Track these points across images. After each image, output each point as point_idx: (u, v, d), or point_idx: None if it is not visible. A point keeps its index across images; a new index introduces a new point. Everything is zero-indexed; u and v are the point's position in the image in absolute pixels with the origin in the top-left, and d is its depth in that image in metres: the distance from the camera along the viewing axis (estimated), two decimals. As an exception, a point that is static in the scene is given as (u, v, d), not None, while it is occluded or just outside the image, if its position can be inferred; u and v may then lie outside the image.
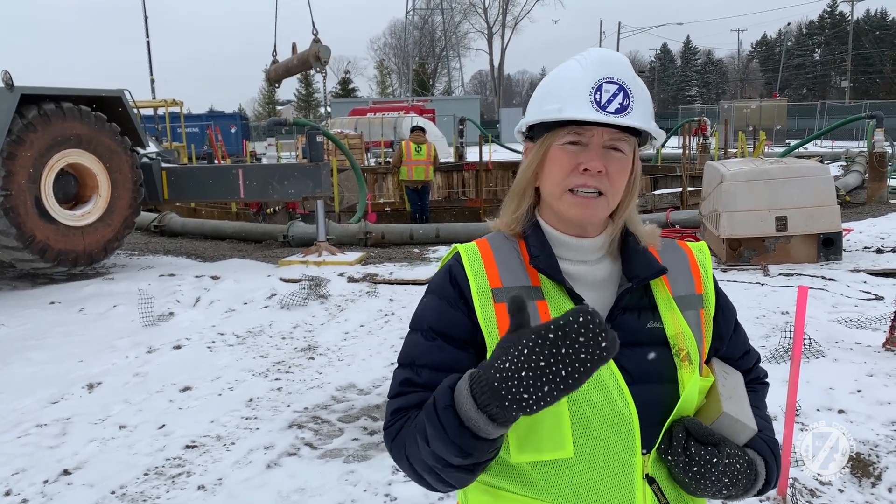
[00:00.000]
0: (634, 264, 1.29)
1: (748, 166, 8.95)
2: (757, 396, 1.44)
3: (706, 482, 1.19)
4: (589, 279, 1.29)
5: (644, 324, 1.26)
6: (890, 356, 5.06)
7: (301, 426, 4.48)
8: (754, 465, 1.24)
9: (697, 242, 1.43)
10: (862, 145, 23.27)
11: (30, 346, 6.19)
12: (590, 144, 1.23)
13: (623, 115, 1.21)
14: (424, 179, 13.22)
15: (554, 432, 1.18)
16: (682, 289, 1.32)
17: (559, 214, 1.29)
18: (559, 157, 1.25)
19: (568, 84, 1.25)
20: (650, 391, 1.22)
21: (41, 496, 3.66)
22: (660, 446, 1.22)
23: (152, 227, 12.90)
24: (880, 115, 13.87)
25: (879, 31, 72.03)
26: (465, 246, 1.34)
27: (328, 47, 11.14)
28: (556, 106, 1.24)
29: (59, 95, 8.43)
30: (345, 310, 7.22)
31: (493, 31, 76.66)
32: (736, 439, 1.24)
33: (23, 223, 7.90)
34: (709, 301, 1.34)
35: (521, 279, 1.27)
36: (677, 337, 1.26)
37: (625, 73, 1.24)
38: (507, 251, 1.31)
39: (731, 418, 1.23)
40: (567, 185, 1.24)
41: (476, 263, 1.29)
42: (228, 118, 36.70)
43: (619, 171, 1.24)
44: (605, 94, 1.21)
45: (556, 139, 1.25)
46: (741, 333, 1.43)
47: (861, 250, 9.08)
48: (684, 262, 1.36)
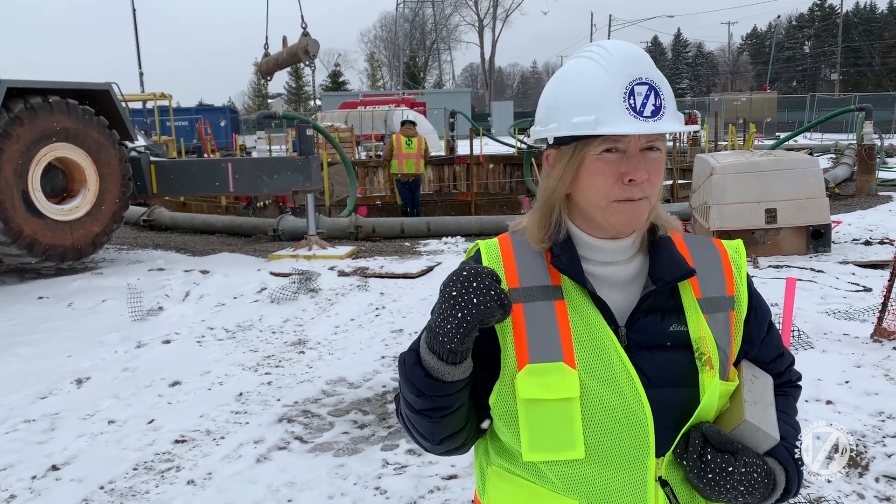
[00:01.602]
0: (662, 265, 1.26)
1: (738, 159, 8.98)
2: (787, 401, 1.40)
3: (721, 489, 1.17)
4: (614, 279, 1.27)
5: (667, 326, 1.23)
6: (877, 347, 5.09)
7: (291, 420, 4.47)
8: (773, 475, 1.21)
9: (733, 241, 1.37)
10: (851, 138, 23.38)
11: (18, 341, 6.15)
12: (628, 151, 1.19)
13: (660, 119, 1.17)
14: (415, 173, 13.20)
15: (564, 432, 1.18)
16: (712, 290, 1.28)
17: (603, 224, 1.25)
18: (600, 168, 1.20)
19: (596, 90, 1.18)
20: (668, 394, 1.20)
21: (29, 492, 3.64)
22: (675, 450, 1.21)
23: (141, 222, 12.83)
24: (869, 108, 13.93)
25: (869, 24, 72.30)
26: (486, 242, 1.33)
27: (317, 41, 11.12)
28: (589, 118, 1.17)
29: (46, 89, 8.36)
30: (335, 304, 7.21)
31: (483, 23, 76.55)
32: (757, 448, 1.22)
33: (10, 218, 7.84)
34: (740, 303, 1.29)
35: (540, 279, 1.25)
36: (701, 341, 1.22)
37: (651, 69, 1.20)
38: (529, 250, 1.29)
39: (753, 426, 1.20)
40: (613, 196, 1.20)
41: (495, 261, 1.28)
42: (218, 111, 36.47)
43: (658, 171, 1.22)
44: (638, 98, 1.16)
45: (591, 148, 1.20)
46: (774, 336, 1.39)
47: (850, 242, 9.12)
48: (717, 261, 1.31)
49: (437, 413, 1.21)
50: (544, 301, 1.23)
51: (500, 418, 1.24)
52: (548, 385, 1.17)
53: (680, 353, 1.22)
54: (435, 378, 1.18)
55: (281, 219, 11.30)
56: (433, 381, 1.18)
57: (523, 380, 1.19)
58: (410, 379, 1.20)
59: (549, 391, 1.17)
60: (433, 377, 1.18)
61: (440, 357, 1.16)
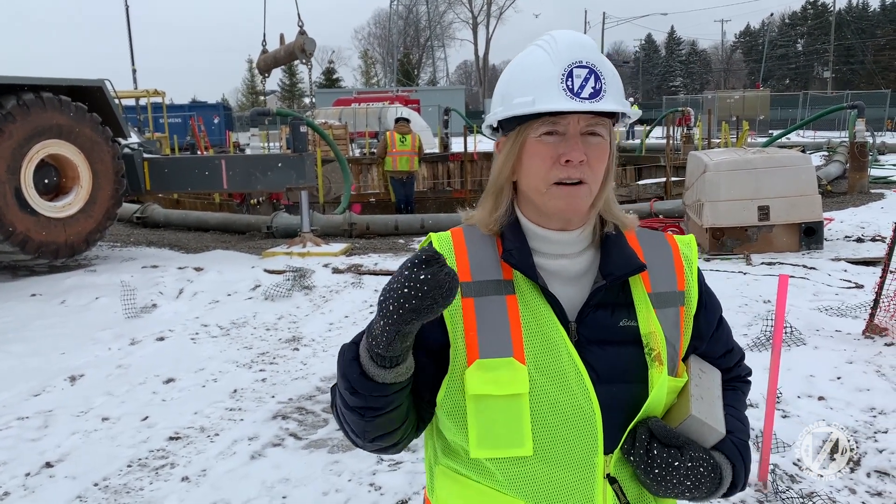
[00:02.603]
0: (612, 260, 1.25)
1: (731, 156, 9.01)
2: (735, 396, 1.40)
3: (668, 484, 1.17)
4: (565, 273, 1.26)
5: (617, 321, 1.22)
6: (869, 344, 5.12)
7: (286, 417, 4.47)
8: (719, 469, 1.21)
9: (685, 236, 1.38)
10: (843, 135, 23.47)
11: (10, 338, 6.13)
12: (567, 133, 1.19)
13: (598, 100, 1.17)
14: (409, 170, 13.19)
15: (513, 429, 1.17)
16: (662, 285, 1.28)
17: (543, 208, 1.25)
18: (538, 150, 1.21)
19: (536, 73, 1.21)
20: (617, 390, 1.20)
21: (23, 489, 3.64)
22: (623, 446, 1.21)
23: (134, 219, 12.78)
24: (861, 106, 13.98)
25: (861, 22, 72.54)
26: (438, 235, 1.32)
27: (313, 39, 11.11)
28: (527, 98, 1.20)
29: (38, 85, 8.31)
30: (329, 301, 7.21)
31: (477, 21, 76.52)
32: (703, 442, 1.22)
33: (2, 215, 7.81)
34: (690, 298, 1.29)
35: (492, 273, 1.24)
36: (650, 336, 1.22)
37: (593, 55, 1.20)
38: (482, 243, 1.28)
39: (699, 421, 1.21)
40: (551, 178, 1.20)
41: (448, 254, 1.27)
42: (211, 108, 36.43)
43: (599, 157, 1.22)
44: (576, 80, 1.17)
45: (531, 131, 1.21)
46: (724, 331, 1.40)
47: (842, 239, 9.17)
48: (668, 256, 1.31)
49: (371, 412, 1.17)
50: (496, 296, 1.22)
51: (448, 414, 1.23)
52: (497, 381, 1.16)
53: (629, 349, 1.22)
54: (370, 378, 1.14)
55: (275, 216, 11.28)
56: (368, 380, 1.14)
57: (473, 375, 1.18)
58: (346, 374, 1.16)
59: (498, 387, 1.16)
60: (368, 376, 1.14)
61: (373, 359, 1.12)
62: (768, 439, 3.38)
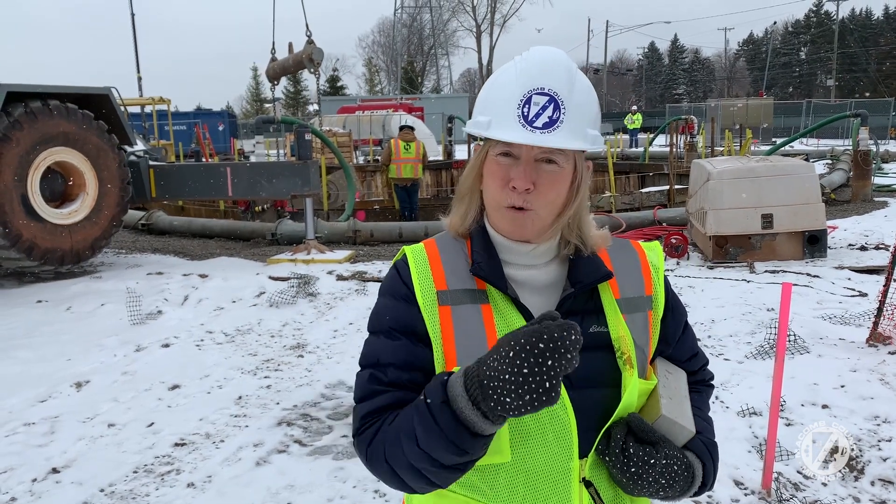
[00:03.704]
0: (579, 269, 1.27)
1: (734, 164, 9.02)
2: (700, 398, 1.44)
3: (644, 482, 1.19)
4: (534, 283, 1.29)
5: (587, 328, 1.24)
6: (873, 352, 5.13)
7: (290, 423, 4.49)
8: (692, 468, 1.24)
9: (650, 242, 1.41)
10: (847, 143, 23.47)
11: (17, 344, 6.16)
12: (521, 158, 1.20)
13: (550, 131, 1.17)
14: (413, 177, 13.22)
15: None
16: (630, 290, 1.30)
17: (496, 226, 1.28)
18: (494, 169, 1.23)
19: (500, 93, 1.22)
20: (590, 396, 1.22)
21: (30, 494, 3.66)
22: (598, 447, 1.22)
23: (140, 226, 12.84)
24: (865, 114, 13.99)
25: (864, 31, 72.57)
26: (412, 248, 1.34)
27: (321, 49, 11.17)
28: (486, 118, 1.22)
29: (45, 93, 8.37)
30: (334, 308, 7.23)
31: (481, 29, 76.65)
32: (675, 441, 1.25)
33: (9, 221, 7.85)
34: (658, 303, 1.32)
35: (466, 282, 1.26)
36: (621, 340, 1.25)
37: (559, 81, 1.19)
38: (454, 253, 1.30)
39: (670, 421, 1.23)
40: (500, 201, 1.22)
41: (422, 265, 1.28)
42: (216, 116, 36.55)
43: (550, 184, 1.21)
44: (533, 108, 1.17)
45: (492, 148, 1.23)
46: (689, 336, 1.43)
47: (845, 247, 9.17)
48: (635, 263, 1.34)
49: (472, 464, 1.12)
50: (471, 304, 1.24)
51: None
52: None
53: (601, 354, 1.24)
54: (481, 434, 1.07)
55: (279, 223, 11.32)
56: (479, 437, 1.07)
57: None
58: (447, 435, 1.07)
59: None
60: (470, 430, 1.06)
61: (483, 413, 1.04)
62: (772, 447, 3.39)
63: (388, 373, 1.23)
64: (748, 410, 4.26)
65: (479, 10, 76.08)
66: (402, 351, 1.23)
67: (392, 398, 1.21)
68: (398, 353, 1.23)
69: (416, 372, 1.22)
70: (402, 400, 1.20)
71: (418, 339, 1.24)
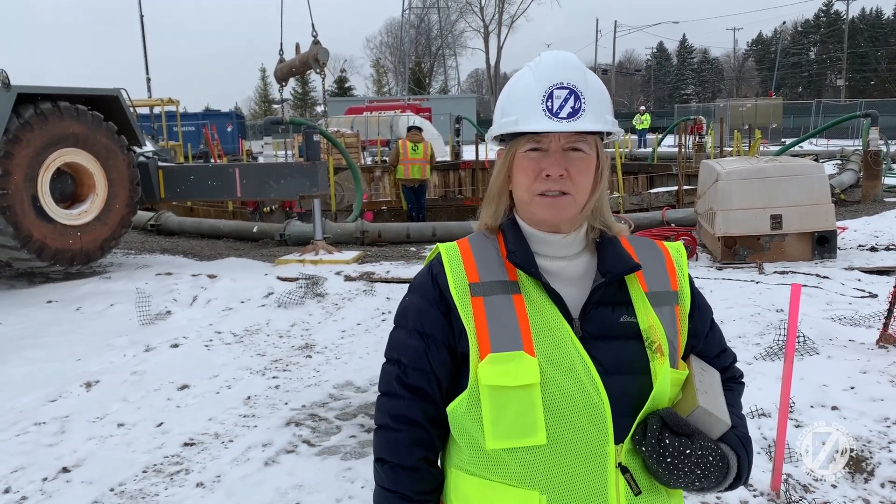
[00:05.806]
0: (609, 261, 1.34)
1: (743, 165, 8.99)
2: (733, 395, 1.47)
3: (679, 473, 1.22)
4: (565, 275, 1.35)
5: (618, 318, 1.30)
6: (883, 353, 5.10)
7: (299, 424, 4.50)
8: (727, 459, 1.27)
9: (674, 242, 1.48)
10: (857, 144, 23.34)
11: (27, 344, 6.20)
12: (549, 150, 1.31)
13: (575, 119, 1.28)
14: (421, 178, 13.24)
15: (526, 418, 1.22)
16: (657, 285, 1.36)
17: (531, 218, 1.36)
18: (524, 164, 1.32)
19: (522, 93, 1.33)
20: (623, 382, 1.26)
21: (40, 493, 3.68)
22: (634, 437, 1.25)
23: (149, 226, 12.89)
24: (875, 114, 13.92)
25: (874, 30, 72.18)
26: (445, 245, 1.42)
27: (327, 50, 11.21)
28: (512, 118, 1.33)
29: (55, 94, 8.43)
30: (342, 308, 7.25)
31: (489, 29, 76.61)
32: (710, 433, 1.27)
33: (20, 222, 7.90)
34: (684, 299, 1.38)
35: (498, 274, 1.33)
36: (650, 330, 1.29)
37: (575, 75, 1.31)
38: (486, 247, 1.38)
39: (706, 412, 1.26)
40: (534, 190, 1.32)
41: (455, 260, 1.36)
42: (224, 117, 36.63)
43: (581, 170, 1.31)
44: (556, 101, 1.28)
45: (519, 147, 1.33)
46: (717, 333, 1.47)
47: (855, 248, 9.12)
48: (660, 260, 1.40)
49: None
50: (503, 295, 1.30)
51: (465, 411, 1.28)
52: (509, 372, 1.23)
53: (631, 343, 1.29)
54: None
55: (287, 224, 11.35)
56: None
57: (485, 368, 1.25)
58: None
59: (511, 378, 1.23)
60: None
61: None
62: (781, 449, 3.38)
63: (409, 375, 1.36)
64: (757, 412, 4.25)
65: (486, 10, 75.99)
66: (422, 355, 1.35)
67: (410, 409, 1.36)
68: (419, 358, 1.35)
69: (431, 375, 1.34)
70: (419, 415, 1.36)
71: (438, 343, 1.33)
